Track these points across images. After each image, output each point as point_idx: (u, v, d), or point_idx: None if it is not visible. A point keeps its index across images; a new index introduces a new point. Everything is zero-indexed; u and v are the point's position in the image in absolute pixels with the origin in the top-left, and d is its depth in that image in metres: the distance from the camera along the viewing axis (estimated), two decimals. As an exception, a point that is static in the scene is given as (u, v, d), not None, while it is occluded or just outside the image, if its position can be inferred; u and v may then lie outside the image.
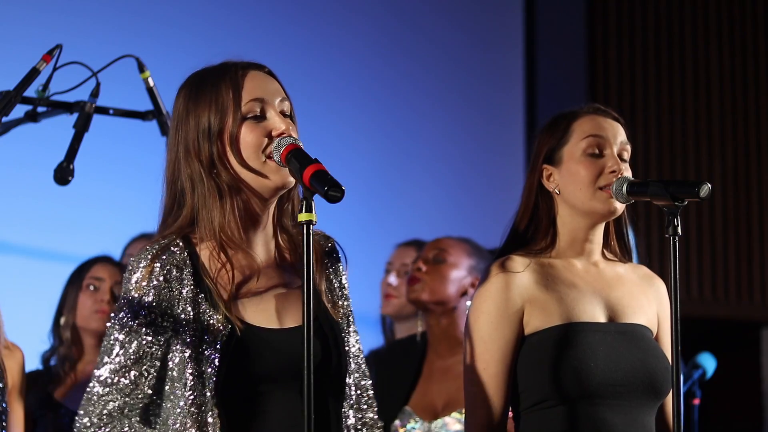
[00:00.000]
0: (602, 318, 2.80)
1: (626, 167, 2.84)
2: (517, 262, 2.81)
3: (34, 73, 3.40)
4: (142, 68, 3.61)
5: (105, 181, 5.13)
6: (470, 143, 6.69)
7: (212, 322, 2.35)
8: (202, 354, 2.33)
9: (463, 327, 2.90)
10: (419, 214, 6.33)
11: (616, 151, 2.84)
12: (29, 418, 3.81)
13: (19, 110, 3.49)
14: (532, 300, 2.78)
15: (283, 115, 2.45)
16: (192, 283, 2.38)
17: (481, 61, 6.81)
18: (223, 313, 2.36)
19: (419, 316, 4.19)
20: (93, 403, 2.33)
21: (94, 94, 3.50)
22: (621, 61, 7.56)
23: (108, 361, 2.34)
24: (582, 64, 7.36)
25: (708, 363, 5.02)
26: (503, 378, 2.75)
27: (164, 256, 2.38)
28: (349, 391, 2.49)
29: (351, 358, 2.51)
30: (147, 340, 2.34)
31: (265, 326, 2.40)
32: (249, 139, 2.41)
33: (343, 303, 2.54)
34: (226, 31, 5.73)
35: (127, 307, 2.36)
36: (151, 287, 2.36)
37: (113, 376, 2.33)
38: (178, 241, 2.41)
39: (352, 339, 2.54)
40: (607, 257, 2.91)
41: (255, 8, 5.97)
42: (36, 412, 3.96)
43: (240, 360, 2.35)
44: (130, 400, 2.33)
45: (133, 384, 2.33)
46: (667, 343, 2.86)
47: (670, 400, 2.75)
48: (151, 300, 2.36)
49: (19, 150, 4.54)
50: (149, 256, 2.38)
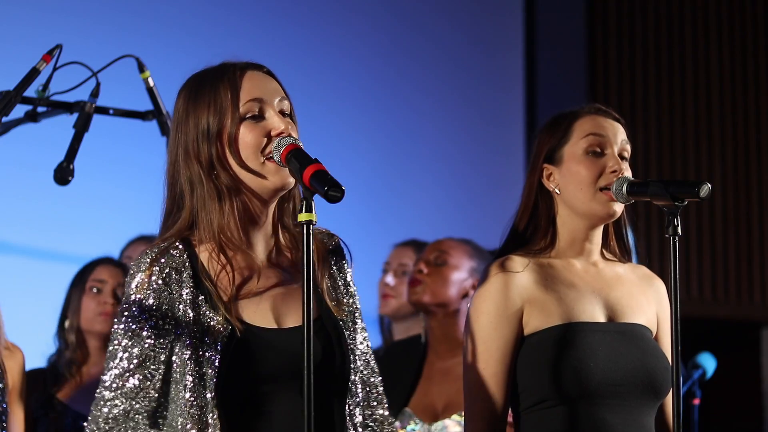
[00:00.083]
0: (602, 318, 2.80)
1: (626, 167, 2.84)
2: (517, 262, 2.80)
3: (34, 73, 3.40)
4: (142, 68, 3.61)
5: (105, 181, 5.12)
6: (470, 143, 6.69)
7: (212, 323, 2.35)
8: (202, 356, 2.33)
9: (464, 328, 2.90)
10: (419, 214, 6.32)
11: (616, 151, 2.84)
12: (30, 418, 3.81)
13: (19, 110, 3.49)
14: (532, 300, 2.78)
15: (283, 114, 2.44)
16: (192, 285, 2.38)
17: (481, 61, 6.81)
18: (223, 315, 2.36)
19: (421, 317, 4.18)
20: (99, 408, 2.34)
21: (94, 94, 3.50)
22: (621, 61, 7.56)
23: (113, 366, 2.35)
24: (582, 64, 7.36)
25: (708, 363, 5.01)
26: (503, 378, 2.75)
27: (163, 260, 2.38)
28: (355, 389, 2.47)
29: (358, 355, 2.50)
30: (149, 343, 2.35)
31: (266, 326, 2.39)
32: (248, 140, 2.40)
33: (348, 300, 2.52)
34: (226, 31, 5.73)
35: (129, 312, 2.36)
36: (151, 291, 2.36)
37: (118, 381, 2.34)
38: (177, 244, 2.41)
39: (360, 336, 2.52)
40: (606, 257, 2.90)
41: (255, 8, 5.96)
42: (37, 411, 3.96)
43: (240, 361, 2.35)
44: (135, 403, 2.33)
45: (137, 388, 2.33)
46: (667, 343, 2.85)
47: (670, 400, 2.75)
48: (152, 303, 2.36)
49: (19, 150, 4.54)
50: (148, 260, 2.38)
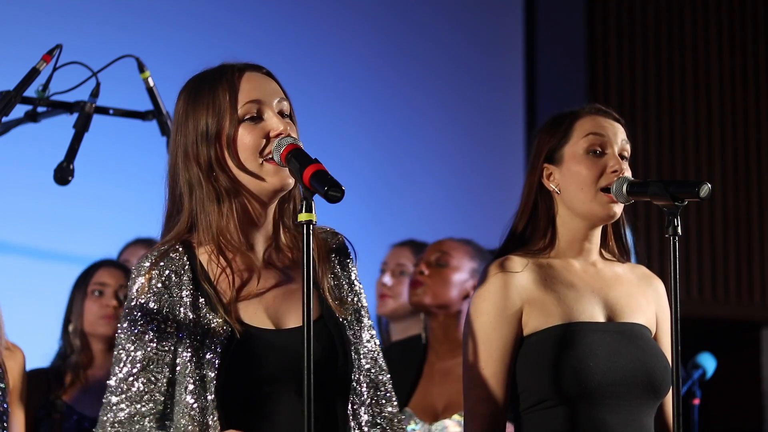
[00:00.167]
0: (601, 318, 2.80)
1: (626, 167, 2.84)
2: (516, 262, 2.80)
3: (34, 73, 3.40)
4: (142, 68, 3.61)
5: (105, 181, 5.13)
6: (470, 143, 6.69)
7: (213, 325, 2.35)
8: (203, 358, 2.33)
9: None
10: (419, 214, 6.32)
11: (617, 151, 2.84)
12: (31, 419, 3.81)
13: (19, 110, 3.49)
14: (531, 300, 2.78)
15: (282, 115, 2.44)
16: (191, 288, 2.38)
17: (481, 62, 6.81)
18: (223, 317, 2.36)
19: (419, 317, 4.18)
20: (106, 413, 2.35)
21: (94, 94, 3.50)
22: (621, 61, 7.56)
23: (118, 370, 2.36)
24: (582, 64, 7.36)
25: (708, 363, 5.02)
26: (502, 378, 2.75)
27: (162, 263, 2.39)
28: (360, 388, 2.46)
29: (364, 353, 2.48)
30: (151, 347, 2.35)
31: (266, 327, 2.39)
32: (246, 141, 2.40)
33: (353, 299, 2.51)
34: (226, 31, 5.73)
35: (131, 316, 2.37)
36: (152, 294, 2.37)
37: (123, 385, 2.35)
38: (177, 247, 2.41)
39: (366, 334, 2.51)
40: (605, 257, 2.90)
41: (255, 8, 5.96)
42: (40, 412, 3.96)
43: (241, 363, 2.35)
44: (141, 407, 2.33)
45: (142, 391, 2.33)
46: (667, 343, 2.85)
47: (670, 400, 2.75)
48: (153, 307, 2.36)
49: (19, 150, 4.54)
50: (148, 263, 2.39)
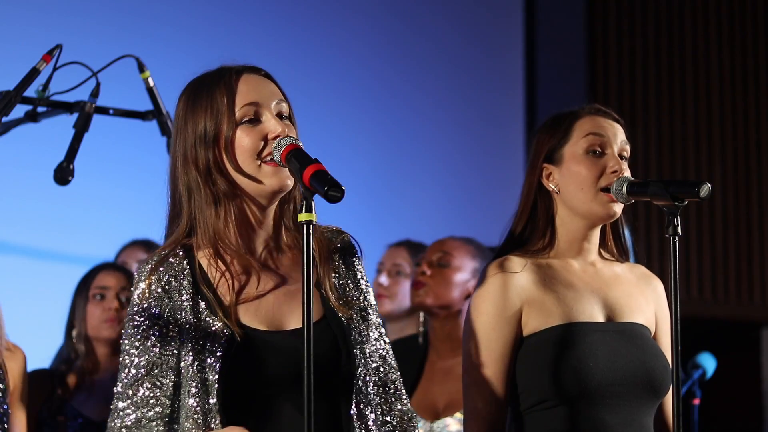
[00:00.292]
0: (601, 318, 2.80)
1: (626, 167, 2.84)
2: (515, 263, 2.80)
3: (34, 73, 3.40)
4: (142, 68, 3.61)
5: (105, 181, 5.13)
6: (470, 143, 6.69)
7: (213, 329, 2.35)
8: (204, 362, 2.34)
9: (464, 328, 2.90)
10: (419, 214, 6.32)
11: (616, 151, 2.84)
12: (33, 420, 3.80)
13: (19, 110, 3.49)
14: (531, 300, 2.78)
15: (281, 117, 2.43)
16: (192, 292, 2.39)
17: (481, 62, 6.81)
18: (222, 320, 2.36)
19: (416, 317, 4.18)
20: (114, 418, 2.36)
21: (94, 94, 3.51)
22: (621, 61, 7.56)
23: (123, 376, 2.37)
24: (582, 65, 7.36)
25: (708, 363, 5.02)
26: (502, 378, 2.75)
27: (162, 268, 2.39)
28: (366, 388, 2.44)
29: (372, 352, 2.47)
30: (155, 351, 2.35)
31: (268, 329, 2.39)
32: (244, 143, 2.40)
33: (359, 297, 2.50)
34: (226, 31, 5.73)
35: (134, 322, 2.38)
36: (152, 299, 2.38)
37: (128, 391, 2.35)
38: (177, 251, 2.42)
39: (374, 333, 2.50)
40: (604, 257, 2.90)
41: (255, 8, 5.96)
42: (43, 413, 3.95)
43: (242, 365, 2.35)
44: (148, 411, 2.33)
45: (148, 396, 2.34)
46: (666, 343, 2.85)
47: (670, 400, 2.75)
48: (154, 312, 2.37)
49: (19, 150, 4.54)
50: (149, 268, 2.40)
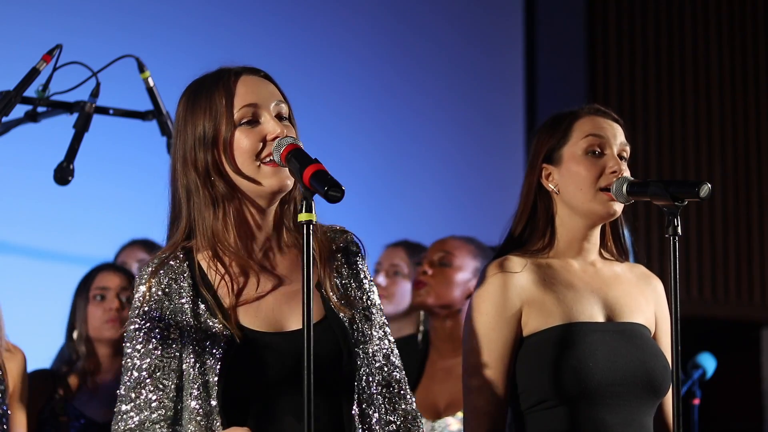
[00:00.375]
0: (601, 318, 2.80)
1: (625, 167, 2.84)
2: (515, 263, 2.80)
3: (34, 73, 3.40)
4: (142, 68, 3.62)
5: (105, 181, 5.13)
6: (470, 143, 6.69)
7: (213, 331, 2.36)
8: (205, 363, 2.34)
9: (465, 328, 2.90)
10: (419, 214, 6.32)
11: (616, 152, 2.84)
12: (33, 420, 3.80)
13: (19, 110, 3.49)
14: (531, 300, 2.78)
15: (280, 118, 2.43)
16: (191, 294, 2.39)
17: (481, 62, 6.81)
18: (222, 322, 2.36)
19: (413, 316, 4.18)
20: (118, 421, 2.36)
21: (94, 94, 3.51)
22: (621, 62, 7.56)
23: (126, 379, 2.37)
24: (582, 65, 7.36)
25: (708, 363, 5.02)
26: (502, 378, 2.75)
27: (162, 271, 2.40)
28: (369, 388, 2.44)
29: (375, 351, 2.47)
30: (156, 354, 2.36)
31: (267, 331, 2.39)
32: (243, 145, 2.39)
33: (362, 297, 2.50)
34: (226, 31, 5.73)
35: (135, 325, 2.38)
36: (153, 302, 2.38)
37: (131, 393, 2.36)
38: (178, 253, 2.42)
39: (378, 332, 2.49)
40: (604, 257, 2.90)
41: (255, 8, 5.96)
42: (44, 413, 3.95)
43: (243, 367, 2.35)
44: (151, 413, 2.34)
45: (151, 399, 2.34)
46: (666, 343, 2.85)
47: (670, 400, 2.75)
48: (155, 315, 2.37)
49: (19, 150, 4.54)
50: (149, 271, 2.40)
